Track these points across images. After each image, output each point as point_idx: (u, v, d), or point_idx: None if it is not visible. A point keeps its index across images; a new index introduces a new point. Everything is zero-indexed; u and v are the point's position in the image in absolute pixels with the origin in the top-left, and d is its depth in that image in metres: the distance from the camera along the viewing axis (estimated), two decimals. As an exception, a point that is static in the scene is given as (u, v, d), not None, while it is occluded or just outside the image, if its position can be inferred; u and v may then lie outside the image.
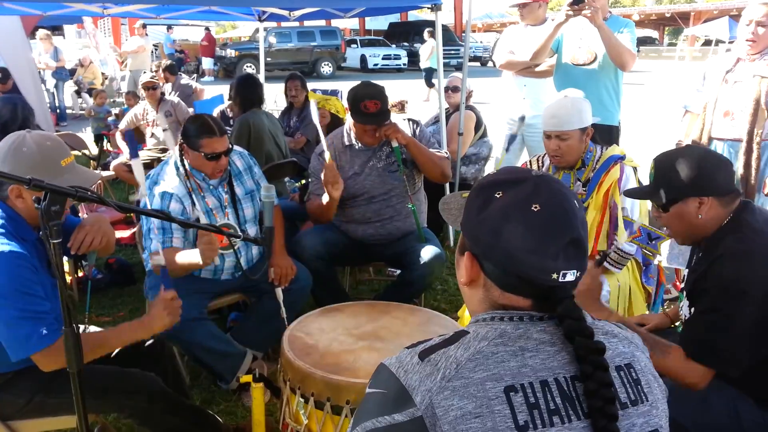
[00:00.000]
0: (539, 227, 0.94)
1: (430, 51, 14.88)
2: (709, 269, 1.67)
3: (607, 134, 3.57)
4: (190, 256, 2.41)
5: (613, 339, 0.99)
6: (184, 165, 2.68)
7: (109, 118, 7.60)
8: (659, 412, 0.98)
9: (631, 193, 2.02)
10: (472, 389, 0.88)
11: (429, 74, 14.96)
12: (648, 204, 2.49)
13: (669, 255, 3.28)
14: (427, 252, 2.92)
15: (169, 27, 19.66)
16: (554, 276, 0.94)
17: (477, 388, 0.88)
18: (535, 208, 0.94)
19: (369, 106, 2.87)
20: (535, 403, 0.89)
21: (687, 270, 1.92)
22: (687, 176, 1.71)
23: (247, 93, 4.41)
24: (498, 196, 0.98)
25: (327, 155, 2.85)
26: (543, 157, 2.84)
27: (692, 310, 1.74)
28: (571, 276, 0.95)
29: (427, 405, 0.88)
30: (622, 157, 2.63)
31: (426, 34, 16.46)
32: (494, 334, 0.94)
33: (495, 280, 0.99)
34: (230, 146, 2.69)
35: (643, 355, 1.02)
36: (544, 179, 0.99)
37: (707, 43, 26.39)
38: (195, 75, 19.27)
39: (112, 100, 11.83)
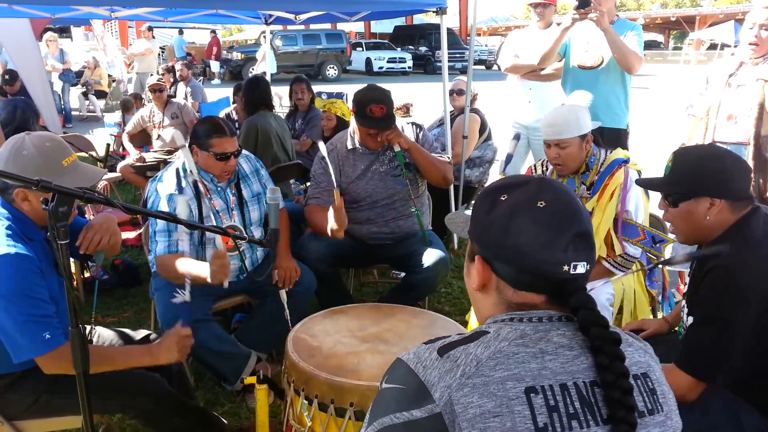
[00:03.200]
0: (547, 221, 0.96)
1: (263, 57, 14.49)
2: (705, 278, 1.63)
3: (615, 137, 3.56)
4: (198, 270, 2.36)
5: (629, 348, 0.98)
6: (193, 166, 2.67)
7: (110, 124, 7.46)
8: (674, 423, 0.98)
9: (643, 183, 1.94)
10: (492, 388, 0.88)
11: None
12: (652, 208, 2.48)
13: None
14: (432, 255, 2.91)
15: (181, 30, 19.72)
16: (565, 268, 0.95)
17: (497, 386, 0.88)
18: (541, 204, 0.97)
19: (375, 110, 2.85)
20: (555, 405, 0.88)
21: (689, 275, 1.90)
22: (705, 175, 1.65)
23: (255, 95, 4.41)
24: (503, 198, 1.00)
25: (337, 195, 2.72)
26: (547, 162, 2.84)
27: (690, 319, 1.72)
28: (581, 268, 0.96)
29: (446, 401, 0.87)
30: (626, 161, 2.62)
31: (261, 39, 15.76)
32: (515, 335, 0.94)
33: (507, 279, 1.00)
34: (239, 148, 2.69)
35: (657, 366, 1.01)
36: (546, 180, 1.02)
37: (713, 47, 26.33)
38: (202, 78, 19.34)
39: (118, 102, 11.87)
